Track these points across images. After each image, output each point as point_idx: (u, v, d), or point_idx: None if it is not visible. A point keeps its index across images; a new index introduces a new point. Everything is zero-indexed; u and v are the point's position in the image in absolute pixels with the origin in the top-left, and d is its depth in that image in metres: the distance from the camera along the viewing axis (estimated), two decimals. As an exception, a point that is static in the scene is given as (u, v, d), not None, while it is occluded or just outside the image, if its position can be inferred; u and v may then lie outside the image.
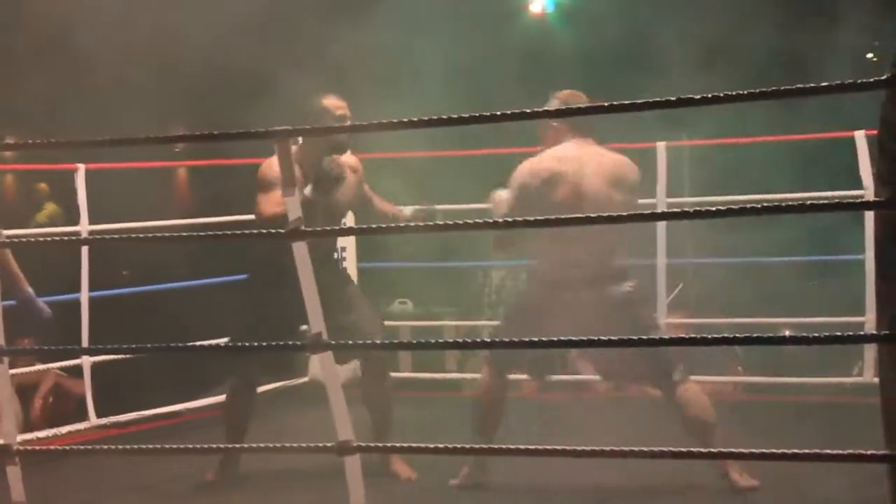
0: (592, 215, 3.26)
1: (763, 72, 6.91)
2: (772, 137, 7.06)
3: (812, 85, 2.58)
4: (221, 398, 6.35)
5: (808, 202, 2.73)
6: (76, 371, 6.28)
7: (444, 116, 2.96)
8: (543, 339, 3.12)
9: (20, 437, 4.25)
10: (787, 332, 6.76)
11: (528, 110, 2.97)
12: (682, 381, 4.77)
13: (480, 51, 7.42)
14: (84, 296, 5.86)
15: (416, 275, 8.08)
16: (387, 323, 6.13)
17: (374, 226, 5.04)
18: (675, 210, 5.84)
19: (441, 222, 3.23)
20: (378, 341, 5.14)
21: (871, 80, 2.41)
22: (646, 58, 7.00)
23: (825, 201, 2.89)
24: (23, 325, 4.32)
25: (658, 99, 2.86)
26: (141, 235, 5.42)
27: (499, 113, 2.95)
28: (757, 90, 2.69)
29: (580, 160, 4.83)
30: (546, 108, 4.80)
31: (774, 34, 8.43)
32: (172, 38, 6.18)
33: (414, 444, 4.93)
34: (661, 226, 6.35)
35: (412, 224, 5.03)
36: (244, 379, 5.18)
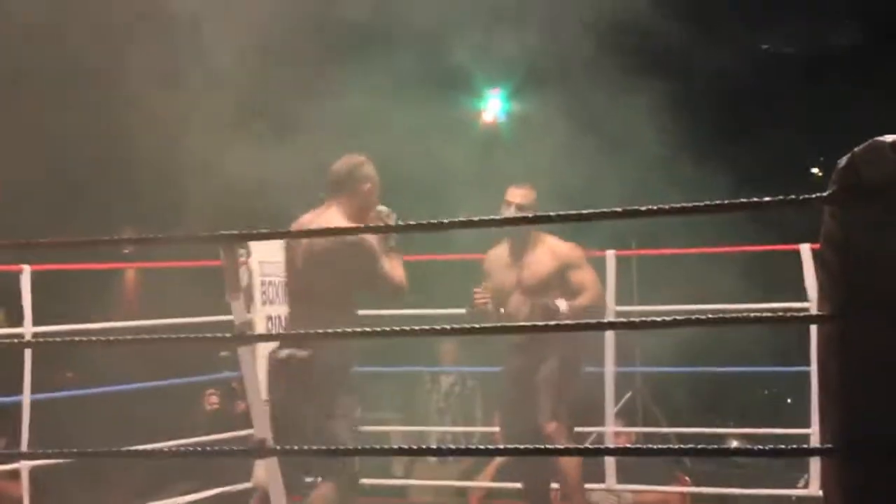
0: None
1: (706, 185, 7.03)
2: (722, 249, 7.12)
3: (756, 199, 2.62)
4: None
5: (753, 314, 2.76)
6: (15, 475, 6.14)
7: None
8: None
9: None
10: (735, 443, 6.76)
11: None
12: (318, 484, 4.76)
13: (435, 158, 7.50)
14: (26, 398, 5.76)
15: (361, 378, 8.01)
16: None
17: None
18: (621, 320, 5.86)
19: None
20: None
21: (813, 195, 2.45)
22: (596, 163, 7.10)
23: (769, 314, 2.92)
24: None
25: (605, 210, 2.88)
26: (85, 338, 5.37)
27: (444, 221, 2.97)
28: (702, 203, 2.73)
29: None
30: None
31: (720, 145, 8.61)
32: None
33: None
34: (610, 334, 6.36)
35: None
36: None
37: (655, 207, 2.70)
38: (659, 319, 2.85)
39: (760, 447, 2.64)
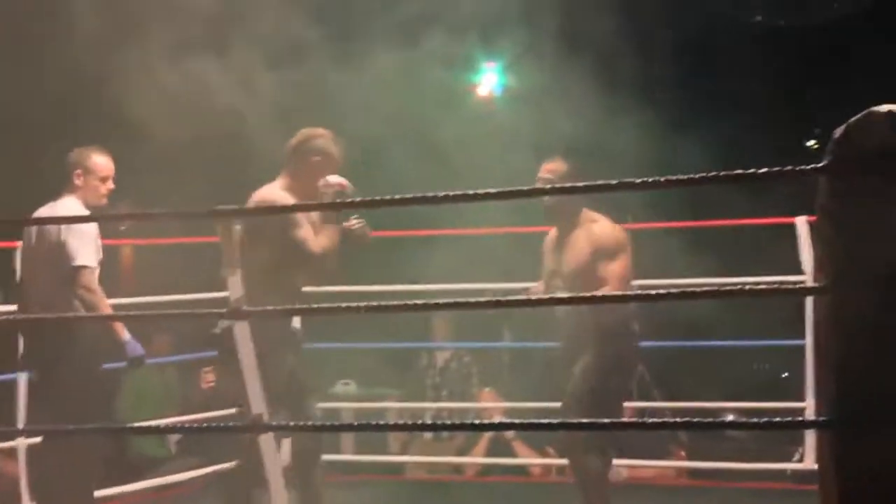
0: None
1: (699, 159, 7.03)
2: (715, 222, 7.12)
3: (752, 171, 2.61)
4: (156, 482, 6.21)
5: (748, 286, 2.75)
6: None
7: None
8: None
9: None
10: (731, 417, 6.77)
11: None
12: None
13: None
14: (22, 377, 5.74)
15: (359, 355, 8.02)
16: (329, 404, 6.05)
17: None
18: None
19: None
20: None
21: (809, 166, 2.45)
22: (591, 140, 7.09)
23: (764, 286, 2.93)
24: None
25: (600, 182, 2.88)
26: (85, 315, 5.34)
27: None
28: (697, 176, 2.72)
29: None
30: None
31: (711, 119, 8.60)
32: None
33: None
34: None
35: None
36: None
37: (651, 180, 2.69)
38: (653, 293, 2.84)
39: (755, 420, 2.64)
